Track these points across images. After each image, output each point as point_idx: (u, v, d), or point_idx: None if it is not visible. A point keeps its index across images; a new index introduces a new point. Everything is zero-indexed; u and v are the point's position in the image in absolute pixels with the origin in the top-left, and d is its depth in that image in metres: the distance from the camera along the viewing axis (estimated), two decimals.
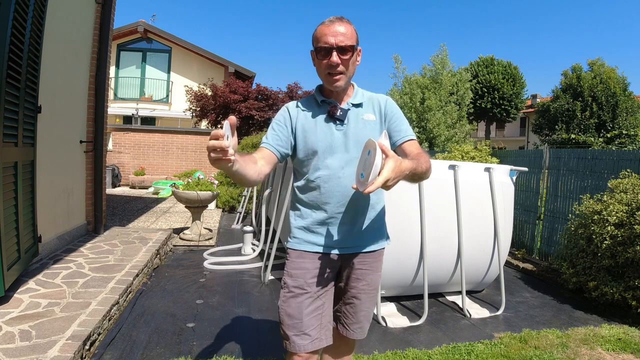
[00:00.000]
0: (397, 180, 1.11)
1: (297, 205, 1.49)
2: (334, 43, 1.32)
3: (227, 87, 12.09)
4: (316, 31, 1.37)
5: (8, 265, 2.57)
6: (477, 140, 16.59)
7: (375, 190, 1.07)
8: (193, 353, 2.38)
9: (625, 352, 2.60)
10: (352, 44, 1.34)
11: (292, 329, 1.39)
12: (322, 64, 1.36)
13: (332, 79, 1.36)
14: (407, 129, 1.47)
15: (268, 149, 1.39)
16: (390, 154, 1.10)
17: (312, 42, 1.40)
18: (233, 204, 7.75)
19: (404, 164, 1.14)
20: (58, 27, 3.70)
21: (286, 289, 1.43)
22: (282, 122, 1.45)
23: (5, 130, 2.55)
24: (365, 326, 1.56)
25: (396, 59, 18.15)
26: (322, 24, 1.37)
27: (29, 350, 1.99)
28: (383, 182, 1.06)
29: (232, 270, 4.11)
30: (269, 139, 1.42)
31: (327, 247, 1.42)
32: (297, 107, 1.47)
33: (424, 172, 1.29)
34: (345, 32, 1.33)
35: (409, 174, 1.18)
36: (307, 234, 1.44)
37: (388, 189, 1.13)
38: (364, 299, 1.51)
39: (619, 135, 17.10)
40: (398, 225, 3.05)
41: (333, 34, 1.32)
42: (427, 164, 1.31)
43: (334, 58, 1.32)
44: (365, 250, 1.47)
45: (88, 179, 4.63)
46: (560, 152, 4.75)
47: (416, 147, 1.44)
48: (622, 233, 3.14)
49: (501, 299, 3.37)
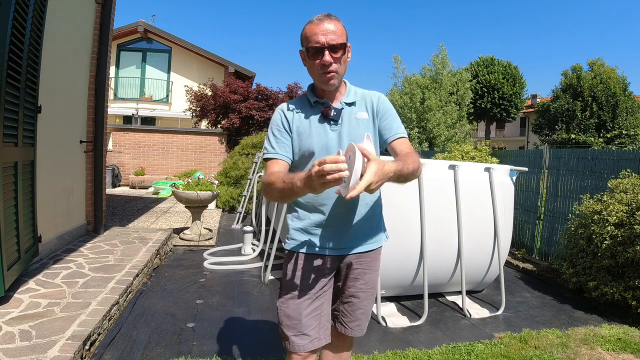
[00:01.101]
0: (380, 183, 1.09)
1: (294, 207, 1.48)
2: (325, 42, 1.29)
3: (227, 87, 12.09)
4: (305, 30, 1.35)
5: (8, 265, 2.57)
6: (477, 140, 16.59)
7: (357, 194, 1.04)
8: (193, 353, 2.38)
9: (625, 352, 2.60)
10: (343, 41, 1.33)
11: (292, 330, 1.39)
12: (314, 64, 1.34)
13: (326, 77, 1.34)
14: (398, 126, 1.46)
15: (284, 160, 1.39)
16: (372, 157, 1.07)
17: (301, 41, 1.37)
18: (233, 204, 7.75)
19: (388, 166, 1.10)
20: (58, 27, 3.70)
21: (284, 290, 1.43)
22: (282, 128, 1.43)
23: (5, 130, 2.55)
24: (363, 324, 1.56)
25: (396, 59, 18.18)
26: (311, 22, 1.34)
27: (29, 350, 1.99)
28: (365, 186, 1.03)
29: (232, 270, 4.11)
30: (277, 149, 1.40)
31: (325, 248, 1.42)
32: (290, 110, 1.45)
33: (411, 173, 1.25)
34: (335, 30, 1.31)
35: (394, 176, 1.15)
36: (304, 236, 1.43)
37: (372, 192, 1.11)
38: (362, 298, 1.51)
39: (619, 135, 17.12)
40: (398, 226, 3.05)
41: (323, 32, 1.30)
42: (415, 164, 1.27)
43: (327, 57, 1.30)
44: (363, 250, 1.47)
45: (88, 179, 4.63)
46: (560, 152, 4.75)
47: (407, 145, 1.43)
48: (622, 233, 3.14)
49: (501, 299, 3.37)
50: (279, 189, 1.23)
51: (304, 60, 1.39)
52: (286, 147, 1.41)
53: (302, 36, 1.37)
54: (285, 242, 1.49)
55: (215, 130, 12.31)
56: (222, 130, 12.22)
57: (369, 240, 1.48)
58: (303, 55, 1.39)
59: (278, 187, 1.23)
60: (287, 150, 1.41)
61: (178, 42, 15.43)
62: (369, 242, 1.48)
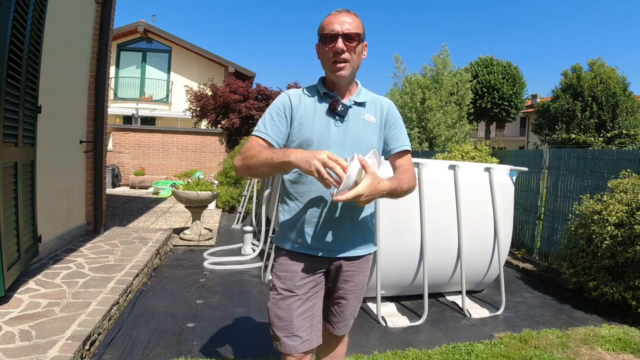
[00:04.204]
0: (371, 198, 1.12)
1: (285, 199, 1.46)
2: (340, 30, 1.31)
3: (227, 87, 12.09)
4: (323, 21, 1.36)
5: (8, 265, 2.57)
6: (477, 140, 16.58)
7: (344, 200, 1.08)
8: (193, 353, 2.38)
9: (625, 352, 2.60)
10: (359, 32, 1.34)
11: (283, 331, 1.38)
12: (326, 52, 1.34)
13: (337, 66, 1.33)
14: (404, 138, 1.47)
15: (269, 142, 1.36)
16: (370, 170, 1.10)
17: (317, 33, 1.38)
18: (233, 204, 7.75)
19: (382, 184, 1.15)
20: (58, 27, 3.69)
21: (275, 291, 1.41)
22: (281, 111, 1.40)
23: (5, 130, 2.55)
24: (350, 322, 1.58)
25: (397, 59, 18.20)
26: (329, 14, 1.36)
27: (29, 350, 1.99)
28: (354, 195, 1.07)
29: (232, 270, 4.11)
30: (268, 129, 1.38)
31: (315, 249, 1.40)
32: (297, 97, 1.42)
33: (404, 192, 1.32)
34: (352, 22, 1.33)
35: (387, 194, 1.20)
36: (294, 233, 1.41)
37: (361, 205, 1.14)
38: (351, 299, 1.51)
39: (619, 135, 17.13)
40: (398, 226, 3.05)
41: (340, 22, 1.32)
42: (411, 183, 1.35)
43: (340, 44, 1.30)
44: (353, 255, 1.45)
45: (88, 179, 4.63)
46: (560, 152, 4.75)
47: (407, 161, 1.45)
48: (622, 233, 3.14)
49: (501, 299, 3.37)
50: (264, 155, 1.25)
51: (318, 51, 1.39)
52: (278, 132, 1.38)
53: (319, 27, 1.37)
54: (275, 235, 1.47)
55: (215, 130, 12.31)
56: (222, 130, 12.22)
57: (359, 246, 1.46)
58: (318, 48, 1.39)
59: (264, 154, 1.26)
60: (277, 135, 1.38)
61: (178, 42, 15.43)
62: (361, 247, 1.46)
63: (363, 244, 1.47)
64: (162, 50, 16.10)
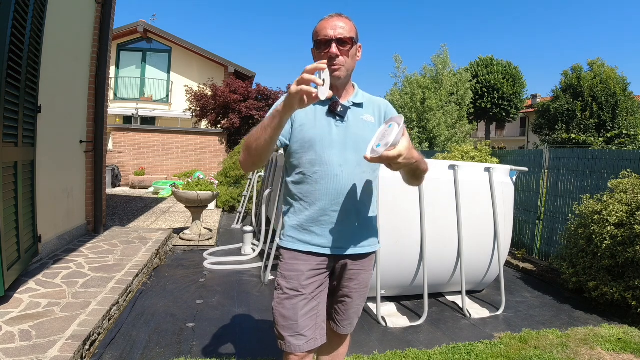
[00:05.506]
0: (405, 161, 1.18)
1: (290, 201, 1.47)
2: (333, 35, 1.34)
3: (227, 87, 12.08)
4: (316, 27, 1.40)
5: (8, 265, 2.57)
6: (477, 140, 16.60)
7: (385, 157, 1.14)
8: (193, 353, 2.38)
9: (625, 352, 2.60)
10: (352, 36, 1.37)
11: (288, 330, 1.38)
12: (322, 57, 1.37)
13: (332, 68, 1.36)
14: None
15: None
16: (407, 134, 1.17)
17: (312, 38, 1.42)
18: (233, 204, 7.75)
19: (414, 151, 1.22)
20: (58, 27, 3.70)
21: (280, 291, 1.42)
22: None
23: (5, 130, 2.55)
24: (354, 321, 1.59)
25: (396, 59, 18.20)
26: (322, 19, 1.40)
27: (29, 350, 1.99)
28: (396, 154, 1.13)
29: (232, 270, 4.11)
30: None
31: (321, 247, 1.41)
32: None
33: (423, 171, 1.38)
34: (345, 26, 1.36)
35: (414, 166, 1.27)
36: (300, 233, 1.42)
37: (394, 168, 1.20)
38: (355, 298, 1.53)
39: (619, 135, 17.14)
40: (398, 225, 3.05)
41: (332, 27, 1.35)
42: (428, 166, 1.41)
43: (334, 49, 1.34)
44: (358, 252, 1.47)
45: (88, 179, 4.63)
46: (560, 152, 4.75)
47: None
48: (622, 233, 3.14)
49: (501, 299, 3.37)
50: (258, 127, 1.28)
51: (314, 56, 1.43)
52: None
53: (313, 33, 1.41)
54: (280, 238, 1.48)
55: (215, 130, 12.31)
56: (222, 130, 12.22)
57: (366, 243, 1.48)
58: (313, 52, 1.43)
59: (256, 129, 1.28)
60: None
61: (178, 42, 15.43)
62: (366, 244, 1.48)
63: (369, 242, 1.49)
64: (162, 50, 16.10)
